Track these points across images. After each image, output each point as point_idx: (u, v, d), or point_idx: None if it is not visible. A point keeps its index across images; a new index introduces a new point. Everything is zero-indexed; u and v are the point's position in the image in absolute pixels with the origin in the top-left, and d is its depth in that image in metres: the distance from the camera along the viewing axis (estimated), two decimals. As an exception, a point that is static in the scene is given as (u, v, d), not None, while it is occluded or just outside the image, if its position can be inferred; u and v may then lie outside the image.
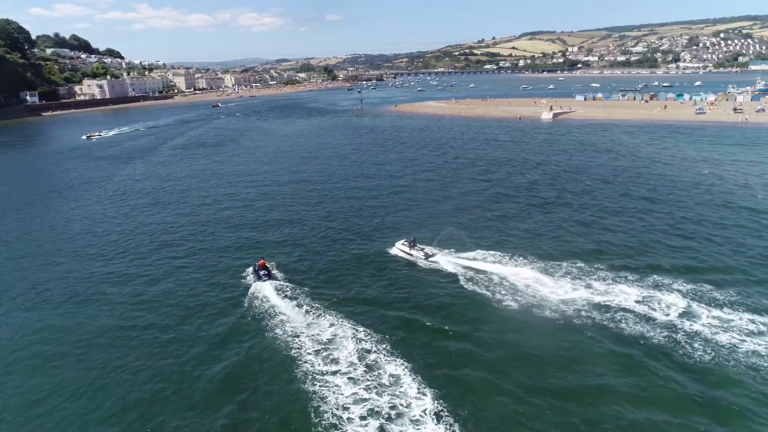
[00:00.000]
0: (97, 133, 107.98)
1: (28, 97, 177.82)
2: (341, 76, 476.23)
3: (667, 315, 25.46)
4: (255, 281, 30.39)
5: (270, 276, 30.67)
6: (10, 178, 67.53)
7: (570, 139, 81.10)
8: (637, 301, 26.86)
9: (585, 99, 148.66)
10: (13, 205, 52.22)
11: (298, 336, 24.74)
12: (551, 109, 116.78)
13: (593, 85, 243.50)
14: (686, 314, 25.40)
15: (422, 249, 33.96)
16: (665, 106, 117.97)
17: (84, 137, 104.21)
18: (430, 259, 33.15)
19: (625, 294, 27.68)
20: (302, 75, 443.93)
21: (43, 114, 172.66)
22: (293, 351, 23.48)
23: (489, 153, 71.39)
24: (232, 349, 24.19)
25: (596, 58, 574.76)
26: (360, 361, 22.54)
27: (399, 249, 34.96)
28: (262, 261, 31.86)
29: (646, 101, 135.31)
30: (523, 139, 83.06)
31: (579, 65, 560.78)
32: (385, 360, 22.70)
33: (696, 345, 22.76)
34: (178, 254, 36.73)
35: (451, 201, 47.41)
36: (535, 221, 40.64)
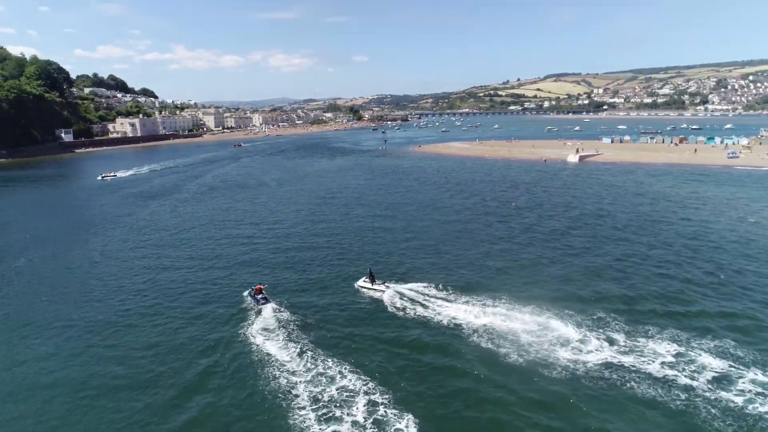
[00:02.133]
0: (111, 174, 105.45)
1: (63, 135, 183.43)
2: (366, 116, 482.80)
3: (697, 379, 23.27)
4: (253, 305, 32.53)
5: (267, 300, 32.66)
6: (42, 212, 68.89)
7: (598, 183, 78.92)
8: (664, 363, 24.66)
9: (612, 141, 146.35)
10: (41, 239, 52.57)
11: (288, 370, 25.28)
12: (578, 151, 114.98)
13: (620, 127, 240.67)
14: (721, 379, 23.22)
15: (382, 282, 35.16)
16: (696, 150, 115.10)
17: (99, 178, 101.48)
18: (390, 289, 34.42)
19: (653, 354, 25.56)
20: (328, 115, 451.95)
21: (76, 151, 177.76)
22: (281, 379, 24.56)
23: (513, 196, 69.58)
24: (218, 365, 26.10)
25: (622, 100, 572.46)
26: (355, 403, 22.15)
27: (361, 286, 35.84)
28: (258, 286, 33.86)
29: (676, 144, 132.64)
30: (549, 182, 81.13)
31: (605, 107, 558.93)
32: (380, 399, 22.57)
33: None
34: (185, 278, 39.46)
35: (468, 244, 45.57)
36: (554, 265, 38.48)
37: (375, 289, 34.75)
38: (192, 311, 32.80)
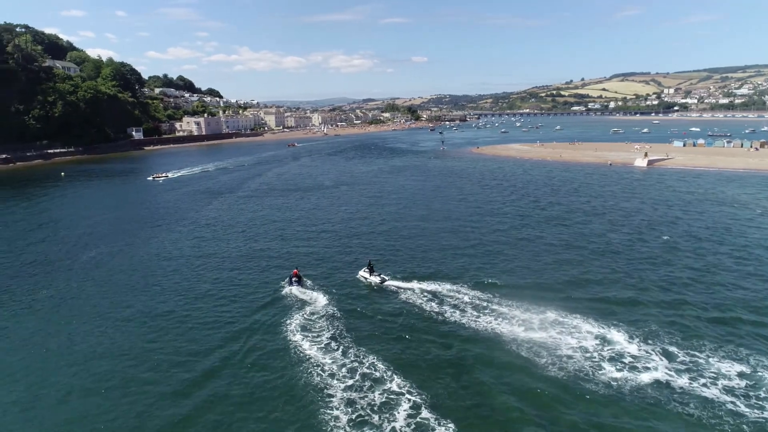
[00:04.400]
0: (163, 175, 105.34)
1: (133, 133, 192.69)
2: (424, 116, 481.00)
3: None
4: (288, 286, 36.65)
5: (300, 283, 36.75)
6: (112, 206, 72.76)
7: (667, 189, 74.10)
8: (726, 386, 22.42)
9: (684, 144, 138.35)
10: (111, 232, 55.02)
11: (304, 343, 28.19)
12: (646, 155, 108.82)
13: (692, 129, 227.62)
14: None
15: (379, 275, 37.23)
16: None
17: (150, 179, 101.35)
18: (385, 283, 36.46)
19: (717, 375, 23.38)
20: (386, 115, 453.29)
21: (145, 148, 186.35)
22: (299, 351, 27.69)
23: (573, 201, 66.34)
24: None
25: (695, 101, 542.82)
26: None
27: (361, 275, 38.12)
28: (296, 270, 37.87)
29: (756, 149, 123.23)
30: (613, 188, 76.96)
31: (675, 108, 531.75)
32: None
33: None
34: (239, 262, 42.91)
35: (519, 249, 43.38)
36: (615, 276, 35.88)
37: (371, 280, 37.00)
38: (239, 288, 37.32)
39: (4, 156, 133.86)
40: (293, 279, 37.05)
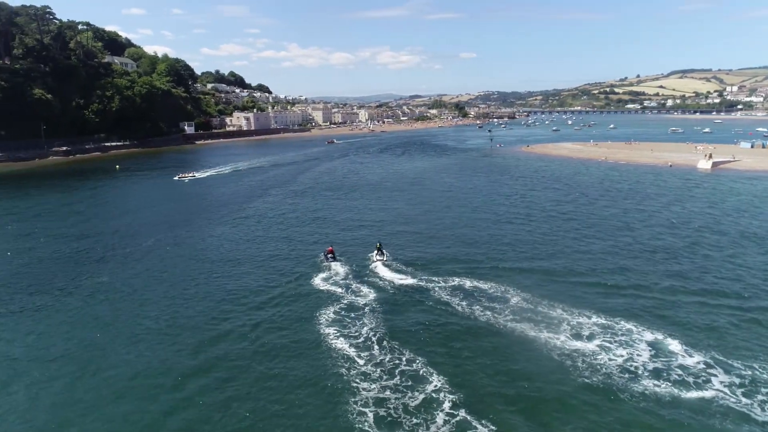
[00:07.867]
0: (190, 174, 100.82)
1: (186, 127, 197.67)
2: (472, 113, 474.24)
3: None
4: (324, 261, 40.40)
5: (335, 258, 40.42)
6: (168, 198, 75.45)
7: (735, 194, 68.81)
8: None
9: (752, 146, 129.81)
10: (167, 223, 56.42)
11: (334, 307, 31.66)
12: (710, 156, 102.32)
13: (759, 129, 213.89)
14: None
15: (382, 253, 40.20)
16: None
17: (176, 178, 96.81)
18: (378, 261, 39.38)
19: None
20: (433, 111, 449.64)
21: (197, 142, 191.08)
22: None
23: (630, 204, 62.22)
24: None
25: (761, 99, 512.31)
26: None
27: (373, 256, 40.72)
28: (330, 248, 41.57)
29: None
30: (675, 191, 72.23)
31: (739, 106, 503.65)
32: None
33: None
34: (287, 239, 47.20)
35: (569, 253, 40.89)
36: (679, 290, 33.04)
37: (376, 258, 39.98)
38: (283, 263, 41.96)
39: (65, 148, 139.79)
40: (328, 255, 40.37)
